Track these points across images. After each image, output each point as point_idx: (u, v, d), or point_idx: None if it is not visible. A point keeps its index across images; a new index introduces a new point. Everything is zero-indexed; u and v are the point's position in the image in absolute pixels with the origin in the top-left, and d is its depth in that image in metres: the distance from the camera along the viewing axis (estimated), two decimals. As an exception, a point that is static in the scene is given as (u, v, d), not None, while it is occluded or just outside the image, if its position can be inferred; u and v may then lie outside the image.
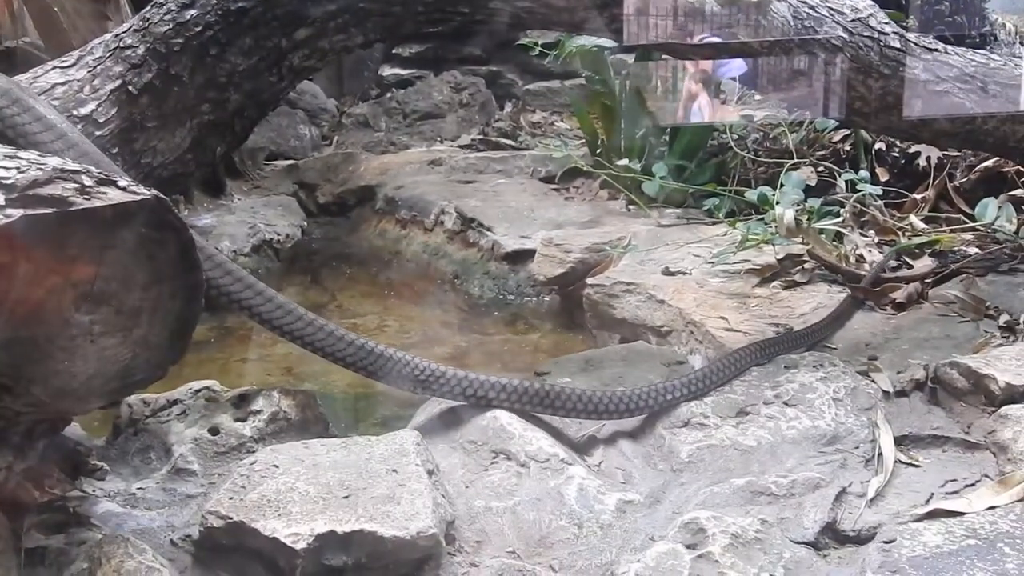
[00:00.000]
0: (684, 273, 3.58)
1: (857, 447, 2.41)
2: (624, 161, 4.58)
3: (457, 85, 7.15)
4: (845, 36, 2.84)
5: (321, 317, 2.52)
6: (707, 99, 4.89)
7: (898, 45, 2.89)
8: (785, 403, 2.54)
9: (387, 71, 7.61)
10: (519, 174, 5.41)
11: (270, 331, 2.51)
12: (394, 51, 7.58)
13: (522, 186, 5.17)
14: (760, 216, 3.80)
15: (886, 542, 2.09)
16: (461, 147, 6.24)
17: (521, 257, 4.33)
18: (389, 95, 7.16)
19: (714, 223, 4.17)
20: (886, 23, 2.90)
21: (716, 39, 3.39)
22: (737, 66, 4.68)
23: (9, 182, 1.79)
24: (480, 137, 6.45)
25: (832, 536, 2.16)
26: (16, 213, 1.75)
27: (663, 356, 2.98)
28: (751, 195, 3.91)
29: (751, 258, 3.58)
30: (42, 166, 1.85)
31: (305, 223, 5.31)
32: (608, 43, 4.44)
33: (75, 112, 2.56)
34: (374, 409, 3.15)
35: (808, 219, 3.62)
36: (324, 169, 5.75)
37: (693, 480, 2.36)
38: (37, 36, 4.69)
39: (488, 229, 4.54)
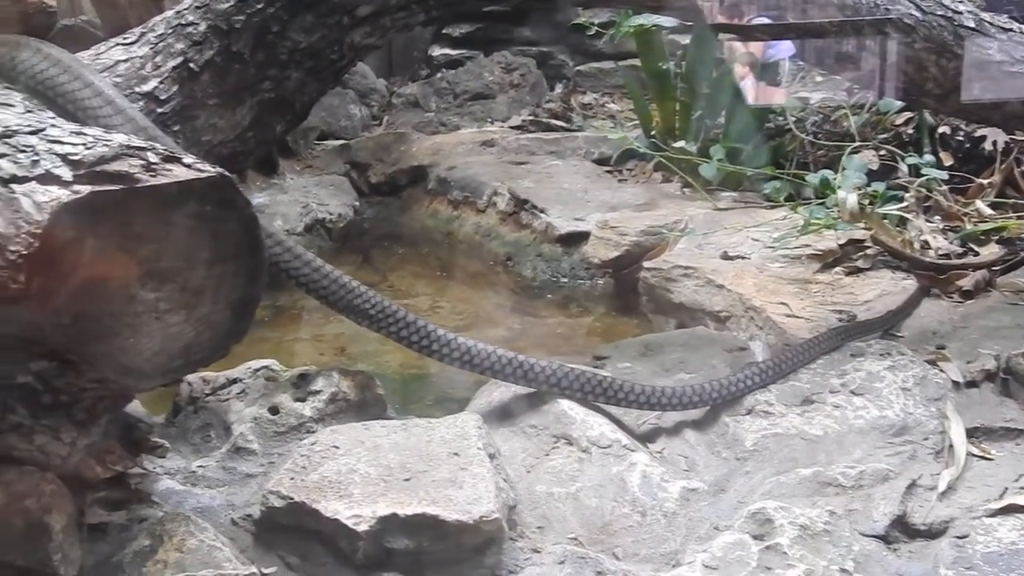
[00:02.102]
0: (743, 257, 3.53)
1: (926, 438, 2.36)
2: (681, 143, 4.52)
3: (508, 66, 7.10)
4: (918, 15, 2.78)
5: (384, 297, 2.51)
6: (752, 81, 4.84)
7: (972, 25, 2.83)
8: (852, 392, 2.50)
9: (437, 51, 7.57)
10: (571, 155, 5.36)
11: (334, 310, 2.51)
12: (444, 31, 7.54)
13: (575, 168, 5.12)
14: (821, 200, 3.74)
15: (959, 537, 2.04)
16: (512, 128, 6.19)
17: (574, 239, 4.28)
18: (439, 75, 7.12)
19: (772, 207, 4.11)
20: (960, 2, 2.84)
21: (765, 19, 3.35)
22: (786, 47, 4.63)
23: (77, 158, 1.79)
24: (531, 118, 6.41)
25: (902, 530, 2.13)
26: (84, 189, 1.74)
27: (724, 342, 2.94)
28: (812, 179, 3.85)
29: (812, 243, 3.52)
30: (108, 142, 1.84)
31: (357, 203, 5.29)
32: (666, 23, 4.38)
33: (137, 89, 2.55)
34: (427, 390, 3.14)
35: (871, 204, 3.55)
36: (376, 149, 5.73)
37: (758, 469, 2.32)
38: (94, 14, 4.69)
39: (541, 211, 4.49)
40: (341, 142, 5.95)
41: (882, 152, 4.11)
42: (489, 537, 2.05)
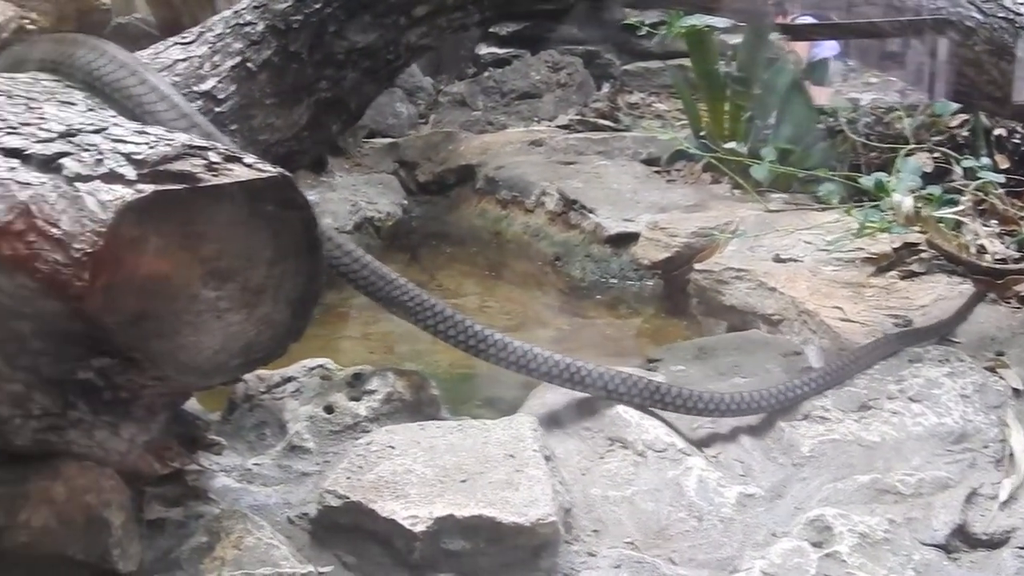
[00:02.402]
0: (796, 260, 3.50)
1: (986, 446, 2.34)
2: (731, 144, 4.50)
3: (555, 65, 7.08)
4: (979, 17, 2.75)
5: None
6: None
7: (1034, 27, 2.80)
8: (910, 398, 2.47)
9: (484, 50, 7.55)
10: (620, 155, 5.34)
11: (387, 309, 2.52)
12: (491, 29, 7.53)
13: (623, 168, 5.10)
14: (874, 203, 3.71)
15: (1021, 547, 2.02)
16: (559, 127, 6.17)
17: (624, 240, 4.27)
18: (486, 74, 7.12)
19: (824, 209, 4.07)
20: (1021, 3, 2.80)
21: (811, 19, 3.32)
22: (830, 47, 4.59)
23: (140, 157, 1.80)
24: (578, 118, 6.39)
25: (963, 539, 2.11)
26: (148, 188, 1.75)
27: (778, 346, 2.92)
28: (866, 181, 3.81)
29: (865, 246, 3.49)
30: (171, 142, 1.86)
31: (405, 201, 5.29)
32: (719, 23, 4.36)
33: (195, 88, 2.56)
34: (477, 390, 3.13)
35: (926, 207, 3.52)
36: (424, 148, 5.73)
37: (815, 475, 2.31)
38: (148, 12, 4.72)
39: (590, 211, 4.48)
40: (389, 140, 5.96)
41: (937, 155, 4.06)
42: (545, 540, 2.04)
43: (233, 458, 2.35)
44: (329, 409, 2.44)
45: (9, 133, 1.95)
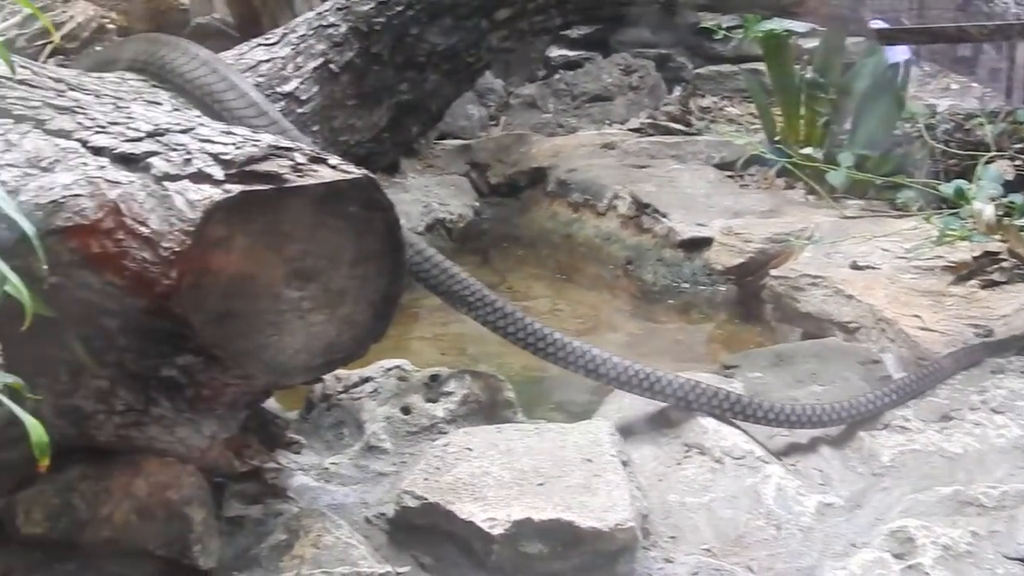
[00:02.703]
0: (873, 268, 3.46)
1: (1072, 460, 2.30)
2: (807, 149, 4.46)
3: (627, 68, 7.05)
4: (1071, 23, 2.72)
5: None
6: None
7: (1126, 35, 2.75)
8: (993, 410, 2.44)
9: (555, 52, 7.55)
10: (693, 160, 5.30)
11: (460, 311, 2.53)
12: (562, 32, 7.52)
13: (697, 172, 5.07)
14: (953, 210, 3.66)
15: (1108, 562, 1.99)
16: (631, 131, 6.15)
17: (697, 245, 4.24)
18: (557, 76, 7.11)
19: (901, 216, 4.03)
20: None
21: (882, 23, 3.27)
22: (901, 51, 4.53)
23: (228, 157, 1.82)
24: (649, 121, 6.36)
25: (1047, 553, 2.07)
26: (235, 188, 1.77)
27: (856, 354, 2.88)
28: (945, 188, 3.76)
29: (945, 254, 3.44)
30: (257, 143, 1.88)
31: (477, 203, 5.30)
32: (797, 27, 4.32)
33: (278, 89, 2.59)
34: (549, 394, 3.13)
35: (1008, 215, 3.46)
36: (496, 150, 5.73)
37: (895, 486, 2.28)
38: (227, 12, 4.77)
39: (663, 215, 4.46)
40: (461, 142, 5.97)
41: (1018, 163, 4.00)
42: (623, 545, 2.04)
43: (311, 457, 2.37)
44: (406, 410, 2.45)
45: (98, 132, 1.98)
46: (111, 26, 4.86)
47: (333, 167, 1.87)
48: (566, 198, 5.04)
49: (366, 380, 2.51)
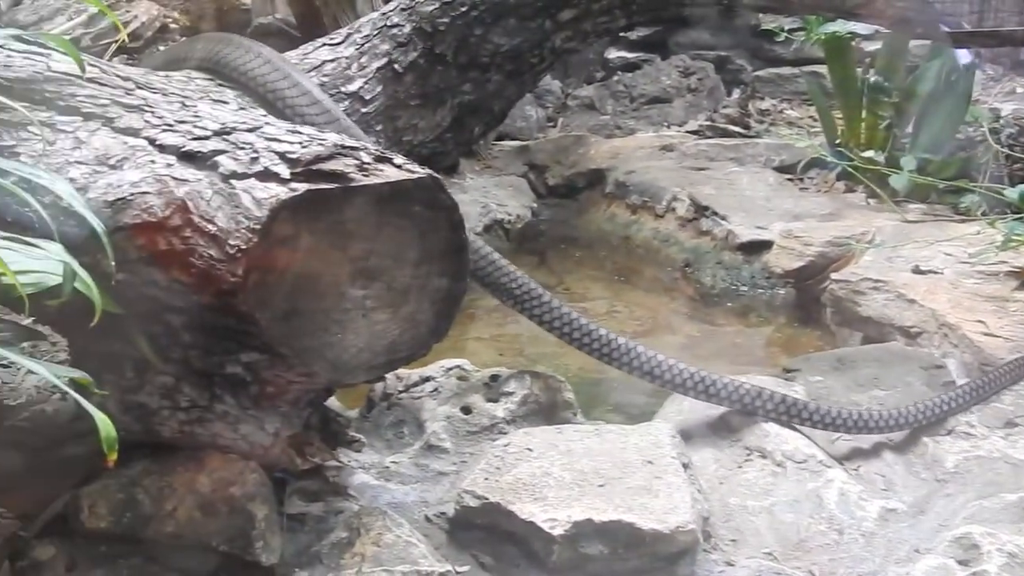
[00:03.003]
0: (936, 272, 3.42)
1: None
2: (869, 153, 4.42)
3: (685, 70, 7.03)
4: None
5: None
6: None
7: None
8: (1059, 416, 2.41)
9: (613, 54, 7.53)
10: (752, 162, 5.28)
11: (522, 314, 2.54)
12: (621, 34, 7.50)
13: (756, 175, 5.04)
14: (1018, 215, 3.61)
15: None
16: (689, 133, 6.13)
17: (756, 248, 4.22)
18: (615, 78, 7.09)
19: (964, 221, 3.99)
20: None
21: (946, 27, 3.24)
22: (963, 55, 4.48)
23: (294, 156, 1.83)
24: (708, 123, 6.33)
25: (1115, 563, 2.04)
26: (301, 187, 1.78)
27: (919, 359, 2.86)
28: (1010, 193, 3.72)
29: (1009, 259, 3.40)
30: (323, 142, 1.88)
31: (535, 204, 5.29)
32: (861, 29, 4.29)
33: (343, 89, 2.61)
34: (607, 395, 3.12)
35: (1074, 221, 3.42)
36: (554, 151, 5.73)
37: (959, 492, 2.26)
38: (288, 12, 4.80)
39: (722, 218, 4.44)
40: (520, 143, 5.97)
41: (1084, 167, 3.96)
42: (684, 547, 2.03)
43: (372, 455, 2.38)
44: (466, 410, 2.46)
45: (166, 130, 2.00)
46: (174, 25, 4.92)
47: (398, 166, 1.88)
48: (624, 200, 5.03)
49: (426, 379, 2.52)
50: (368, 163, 1.85)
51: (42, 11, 4.77)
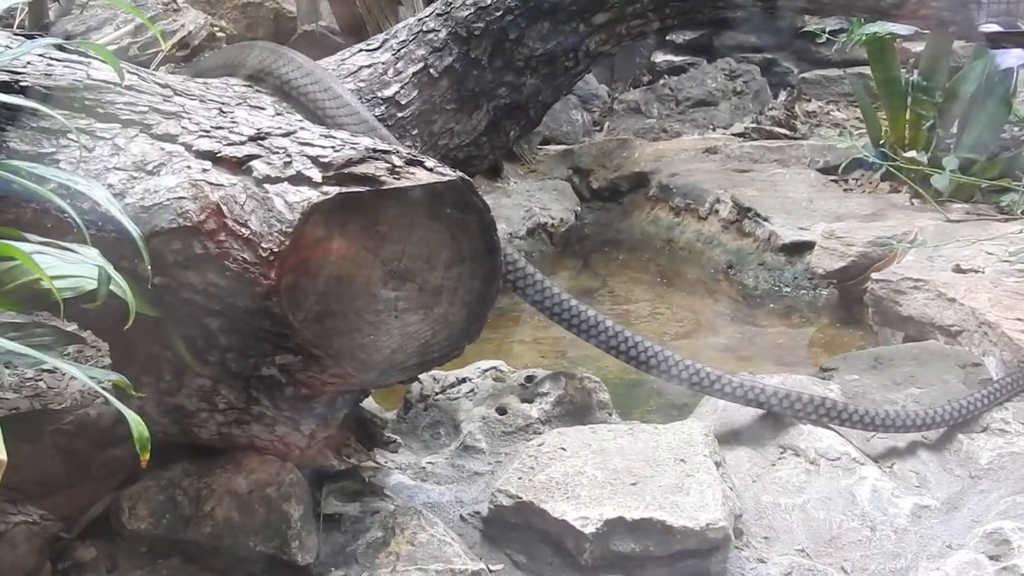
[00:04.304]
0: (976, 271, 3.41)
1: None
2: (912, 153, 4.40)
3: (731, 72, 7.02)
4: None
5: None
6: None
7: None
8: (1094, 413, 2.40)
9: (659, 57, 7.54)
10: (796, 164, 5.27)
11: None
12: (667, 37, 7.50)
13: (799, 176, 5.03)
14: (1061, 214, 3.59)
15: None
16: (734, 135, 6.12)
17: (798, 249, 4.22)
18: (661, 81, 7.10)
19: (1007, 220, 3.96)
20: None
21: (996, 27, 3.21)
22: (1016, 55, 4.43)
23: (326, 160, 1.85)
24: (754, 126, 6.32)
25: None
26: (332, 190, 1.80)
27: (957, 357, 2.85)
28: (1052, 192, 3.70)
29: (1051, 258, 3.38)
30: (355, 145, 1.91)
31: (578, 208, 5.30)
32: (901, 30, 4.27)
33: (379, 94, 2.64)
34: (647, 396, 3.13)
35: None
36: (598, 154, 5.74)
37: (993, 488, 2.25)
38: (332, 20, 4.85)
39: (765, 219, 4.44)
40: (563, 147, 5.99)
41: None
42: (715, 544, 2.05)
43: (408, 456, 2.40)
44: (502, 410, 2.48)
45: (202, 136, 2.03)
46: (220, 34, 4.99)
47: (429, 169, 1.90)
48: (668, 202, 5.04)
49: (463, 381, 2.55)
50: (399, 166, 1.87)
51: (90, 21, 4.86)
